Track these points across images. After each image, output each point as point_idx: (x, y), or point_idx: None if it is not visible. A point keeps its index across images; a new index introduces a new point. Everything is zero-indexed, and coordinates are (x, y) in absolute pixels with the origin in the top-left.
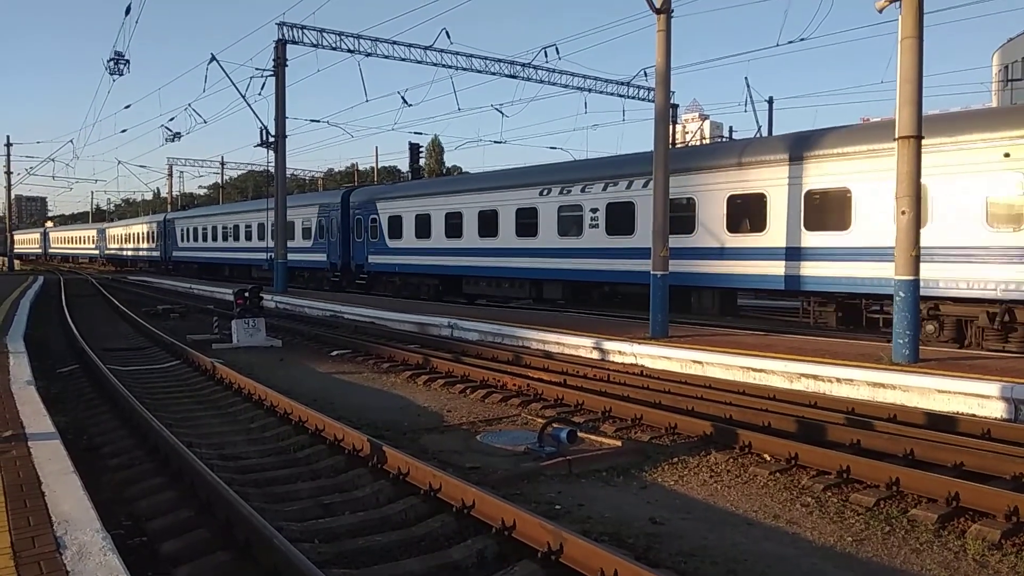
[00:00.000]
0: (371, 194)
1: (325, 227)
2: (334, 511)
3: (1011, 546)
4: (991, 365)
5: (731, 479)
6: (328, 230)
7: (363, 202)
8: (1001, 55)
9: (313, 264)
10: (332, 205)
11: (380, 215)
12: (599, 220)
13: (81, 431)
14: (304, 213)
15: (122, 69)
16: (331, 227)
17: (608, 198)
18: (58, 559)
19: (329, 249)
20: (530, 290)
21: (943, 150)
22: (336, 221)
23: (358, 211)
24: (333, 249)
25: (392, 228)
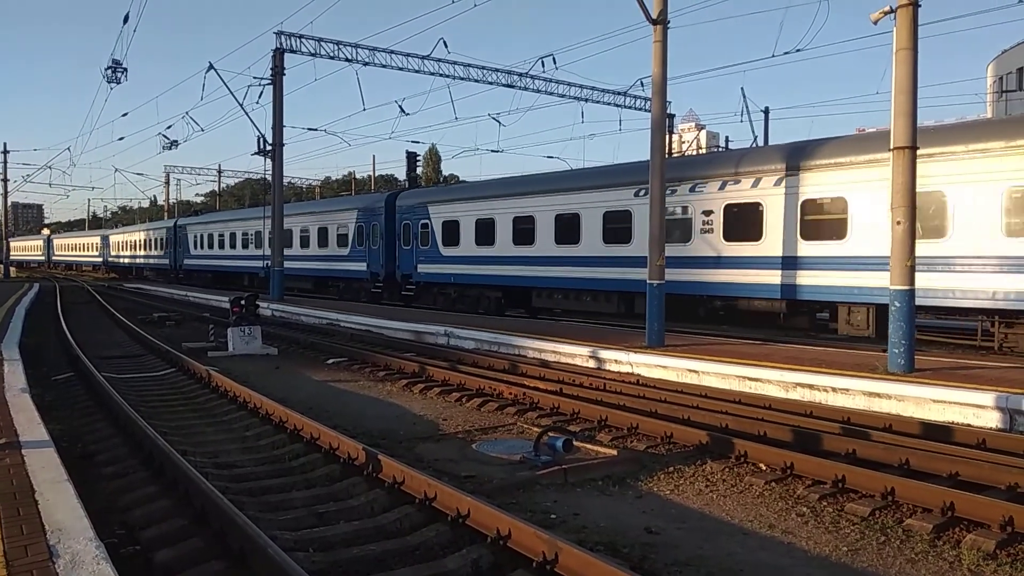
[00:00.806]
0: (422, 197)
1: (365, 233)
2: (329, 520)
3: (1006, 556)
4: (986, 375)
5: (727, 488)
6: (369, 236)
7: (412, 206)
8: (996, 66)
9: (349, 274)
10: (374, 209)
11: (432, 220)
12: (713, 224)
13: (75, 439)
14: (339, 218)
15: (120, 77)
16: (372, 233)
17: (727, 198)
18: (51, 568)
19: (369, 257)
20: (619, 304)
21: None
22: (379, 226)
23: (406, 215)
24: (374, 257)
25: (447, 234)
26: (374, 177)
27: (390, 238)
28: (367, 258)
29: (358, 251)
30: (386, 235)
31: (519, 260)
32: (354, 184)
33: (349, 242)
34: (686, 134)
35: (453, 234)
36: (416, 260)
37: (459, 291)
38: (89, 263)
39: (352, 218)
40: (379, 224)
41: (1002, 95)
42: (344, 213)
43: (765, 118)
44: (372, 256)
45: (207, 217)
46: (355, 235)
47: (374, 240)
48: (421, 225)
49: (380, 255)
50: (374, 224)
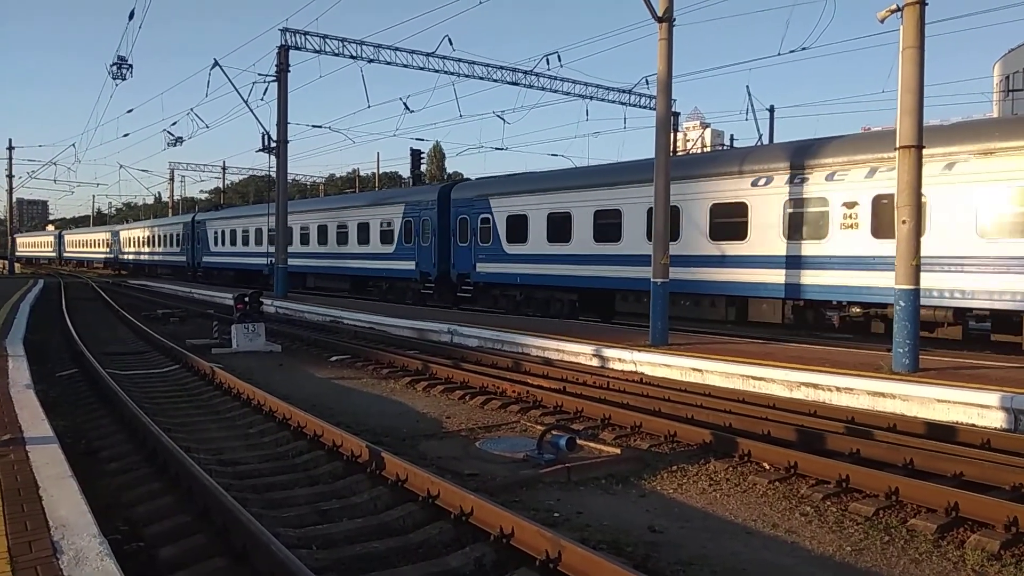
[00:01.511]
0: (482, 188)
1: (414, 229)
2: (332, 517)
3: (1010, 556)
4: (991, 375)
5: (730, 488)
6: (418, 232)
7: (470, 199)
8: (1002, 65)
9: (395, 273)
10: (425, 202)
11: (495, 214)
12: (858, 218)
13: (79, 435)
14: (384, 213)
15: (125, 74)
16: (423, 229)
17: (877, 187)
18: (55, 564)
19: (419, 255)
20: (727, 309)
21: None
22: (431, 222)
23: (462, 209)
24: (425, 255)
25: (512, 230)
26: (378, 174)
27: (443, 234)
28: (416, 256)
29: (405, 248)
30: (439, 231)
31: (600, 259)
32: (358, 181)
33: (395, 239)
34: (691, 132)
35: (520, 230)
36: (475, 258)
37: (526, 293)
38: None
39: (398, 213)
40: (431, 219)
41: (1008, 94)
42: (389, 207)
43: (770, 116)
44: (422, 254)
45: (229, 211)
46: (402, 231)
47: (424, 236)
48: (481, 220)
49: (432, 253)
50: (424, 219)
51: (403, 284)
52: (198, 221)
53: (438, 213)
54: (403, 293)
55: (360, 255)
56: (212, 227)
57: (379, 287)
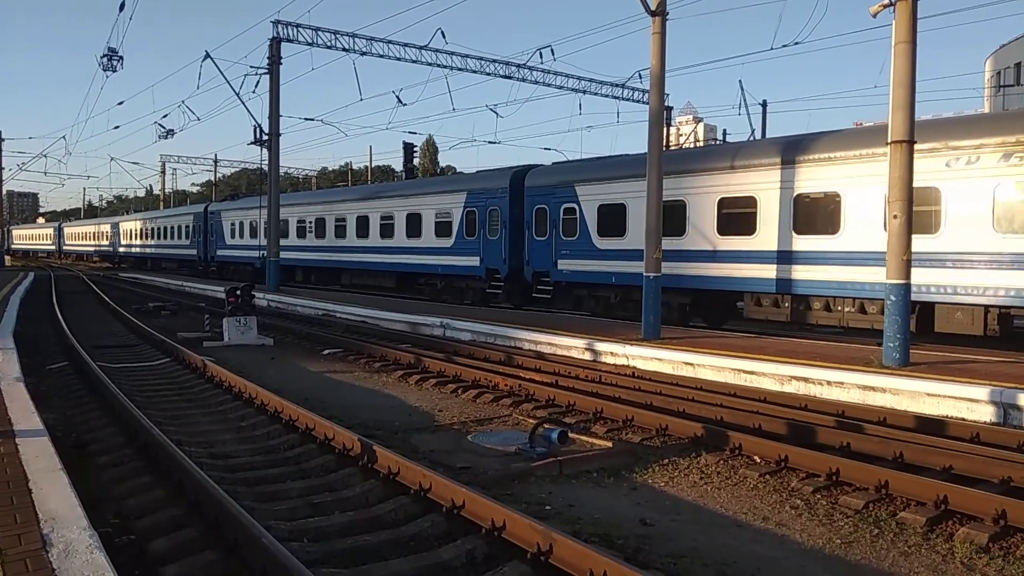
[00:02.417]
0: (566, 174)
1: (479, 220)
2: (324, 510)
3: (999, 549)
4: (980, 369)
5: (721, 481)
6: (484, 224)
7: (551, 186)
8: (994, 61)
9: (454, 270)
10: (493, 191)
11: (583, 203)
12: None
13: (70, 428)
14: (439, 202)
15: (115, 65)
16: (490, 220)
17: None
18: (44, 557)
19: (485, 250)
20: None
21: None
22: (501, 212)
23: (540, 198)
24: (493, 250)
25: (606, 221)
26: (371, 167)
27: (516, 227)
28: (481, 251)
29: (468, 243)
30: (510, 223)
31: (725, 256)
32: (351, 175)
33: (455, 231)
34: (684, 127)
35: (615, 222)
36: (556, 254)
37: (622, 294)
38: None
39: (458, 202)
40: (501, 209)
41: (1000, 90)
42: (447, 196)
43: (763, 111)
44: (489, 249)
45: (249, 201)
46: (462, 223)
47: (492, 229)
48: (564, 210)
49: (502, 248)
50: (492, 209)
51: (463, 282)
52: (212, 212)
53: (510, 202)
54: (462, 292)
55: (409, 249)
56: (229, 218)
57: (432, 285)
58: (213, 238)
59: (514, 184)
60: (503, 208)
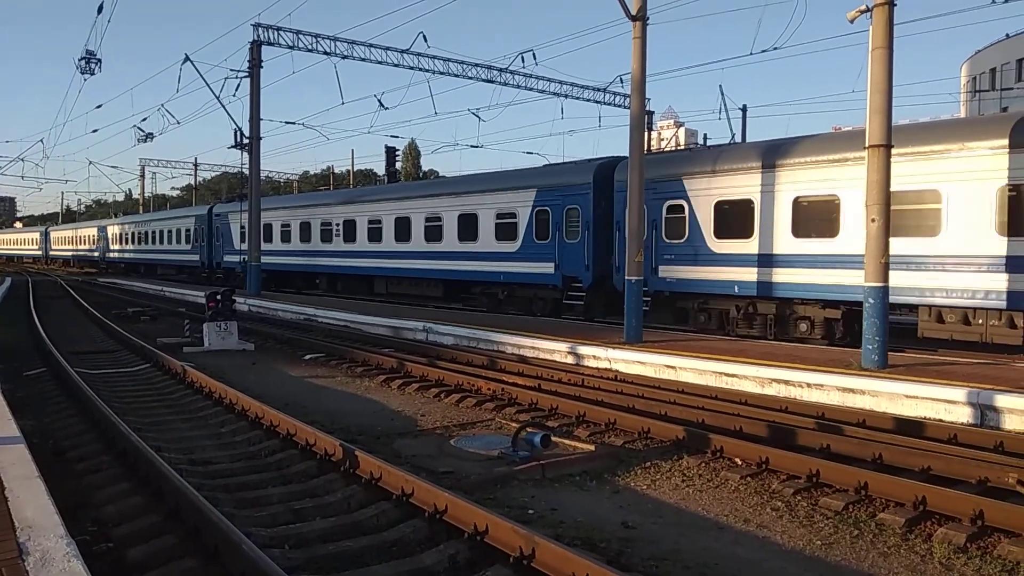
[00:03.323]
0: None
1: (553, 221)
2: (305, 516)
3: (976, 549)
4: (958, 371)
5: (703, 483)
6: (560, 225)
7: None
8: (969, 67)
9: (520, 277)
10: (573, 187)
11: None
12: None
13: (47, 435)
14: (500, 201)
15: (94, 68)
16: (566, 221)
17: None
18: (20, 566)
19: (562, 255)
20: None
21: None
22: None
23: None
24: (572, 255)
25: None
26: (353, 171)
27: (601, 228)
28: (557, 256)
29: (539, 247)
30: (594, 223)
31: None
32: (332, 179)
33: (520, 234)
34: (665, 131)
35: (739, 221)
36: (655, 259)
37: (747, 306)
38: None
39: (525, 200)
40: (582, 208)
41: (975, 95)
42: (512, 193)
43: (743, 116)
44: (568, 253)
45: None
46: (531, 224)
47: (570, 231)
48: (668, 208)
49: (584, 252)
50: (571, 208)
51: (531, 291)
52: (219, 213)
53: (594, 200)
54: (529, 303)
55: (461, 255)
56: (237, 221)
57: (491, 295)
58: (219, 242)
59: (600, 178)
60: (585, 206)
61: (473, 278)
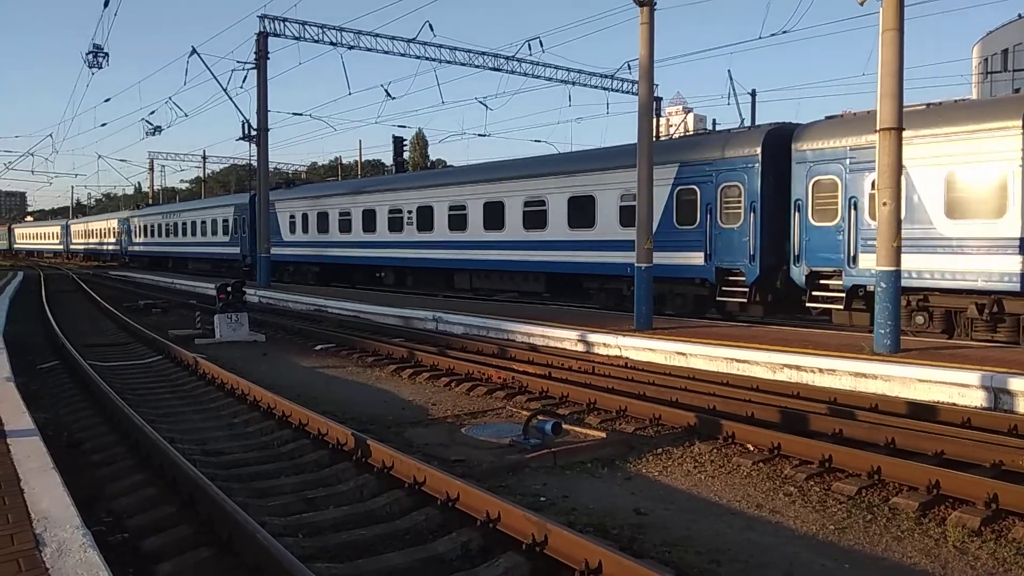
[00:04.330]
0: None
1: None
2: (318, 505)
3: (991, 533)
4: (972, 355)
5: (715, 469)
6: (712, 208)
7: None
8: (981, 48)
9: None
10: (731, 160)
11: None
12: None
13: (61, 428)
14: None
15: (101, 62)
16: (720, 202)
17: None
18: (37, 556)
19: (714, 243)
20: None
21: None
22: (746, 189)
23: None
24: (728, 243)
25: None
26: (360, 162)
27: (771, 209)
28: (708, 244)
29: (682, 233)
30: (762, 204)
31: None
32: (340, 169)
33: (656, 218)
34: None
35: (981, 196)
36: (854, 246)
37: (991, 304)
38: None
39: (665, 178)
40: (745, 185)
41: (987, 76)
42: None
43: (752, 100)
44: (723, 241)
45: (313, 188)
46: (671, 206)
47: (728, 214)
48: (873, 183)
49: (749, 238)
50: (729, 186)
51: (668, 286)
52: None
53: (762, 175)
54: (663, 300)
55: (573, 244)
56: (286, 209)
57: (612, 291)
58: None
59: (771, 148)
60: (749, 183)
61: (587, 271)
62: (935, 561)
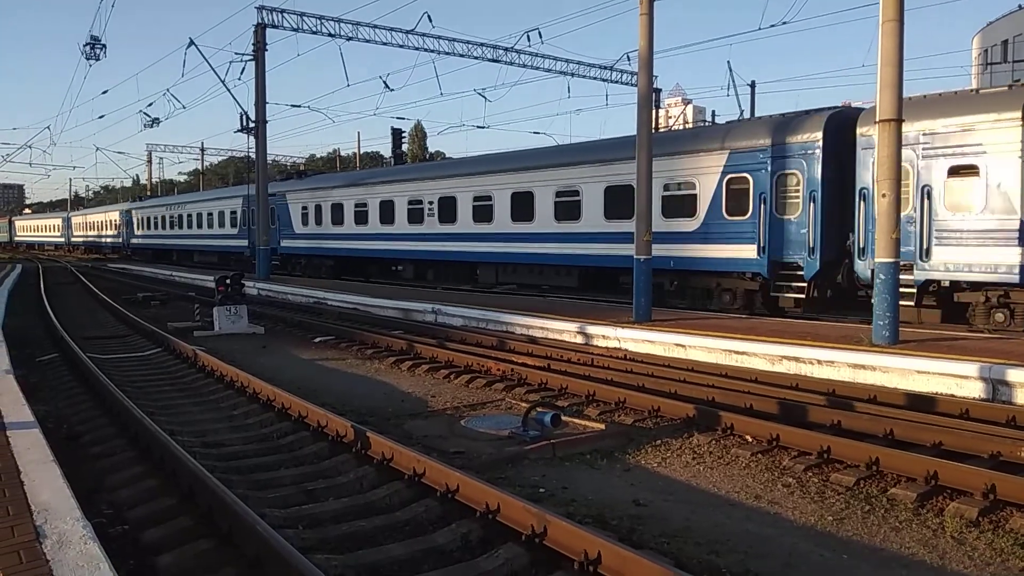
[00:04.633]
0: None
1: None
2: (318, 497)
3: (988, 523)
4: (970, 346)
5: (713, 461)
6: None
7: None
8: (981, 39)
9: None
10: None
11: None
12: None
13: (61, 420)
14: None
15: (98, 54)
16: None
17: None
18: (38, 548)
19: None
20: None
21: None
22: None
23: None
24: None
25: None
26: (359, 154)
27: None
28: (761, 236)
29: (732, 225)
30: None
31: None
32: (339, 161)
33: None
34: (673, 109)
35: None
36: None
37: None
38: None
39: (711, 166)
40: (804, 173)
41: (987, 67)
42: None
43: (751, 92)
44: (779, 232)
45: (326, 179)
46: (720, 195)
47: (784, 204)
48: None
49: (809, 230)
50: (786, 174)
51: (716, 280)
52: (272, 193)
53: (824, 162)
54: (709, 295)
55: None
56: (298, 200)
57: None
58: (275, 226)
59: (834, 132)
60: (809, 170)
61: (626, 264)
62: (933, 551)
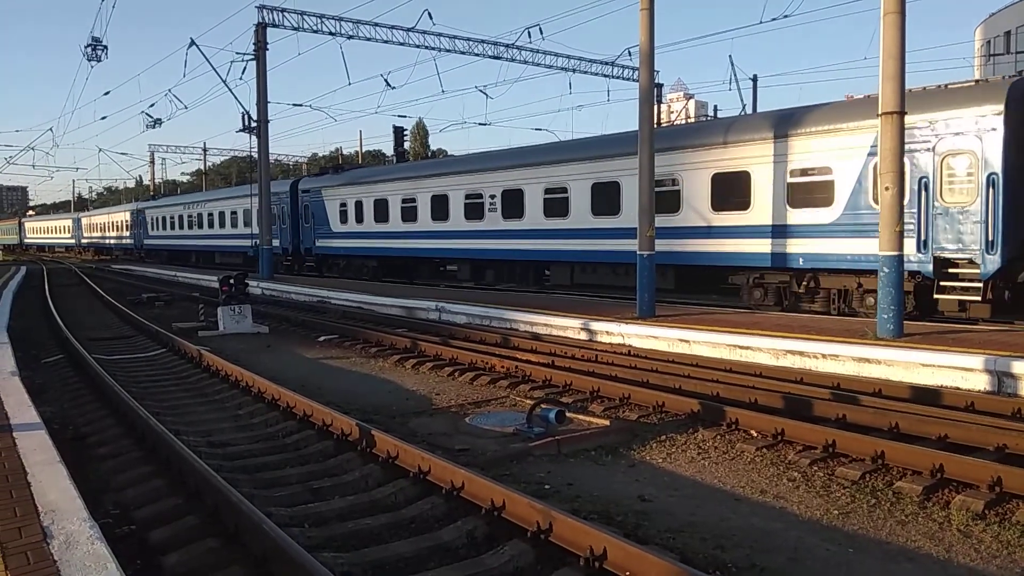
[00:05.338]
0: None
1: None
2: (324, 495)
3: (994, 516)
4: (975, 338)
5: (718, 456)
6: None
7: None
8: (983, 30)
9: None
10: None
11: None
12: None
13: (67, 421)
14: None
15: (100, 55)
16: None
17: None
18: (45, 549)
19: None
20: None
21: None
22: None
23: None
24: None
25: None
26: (361, 152)
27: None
28: (923, 228)
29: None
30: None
31: None
32: (341, 160)
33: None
34: (675, 104)
35: None
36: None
37: None
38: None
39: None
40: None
41: (990, 59)
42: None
43: (753, 86)
44: (942, 224)
45: (368, 172)
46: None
47: (949, 190)
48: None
49: (986, 221)
50: (953, 155)
51: (857, 279)
52: (306, 190)
53: (1005, 140)
54: (846, 297)
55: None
56: (336, 196)
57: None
58: (309, 224)
59: (1017, 106)
60: (986, 151)
61: (737, 263)
62: (939, 544)
